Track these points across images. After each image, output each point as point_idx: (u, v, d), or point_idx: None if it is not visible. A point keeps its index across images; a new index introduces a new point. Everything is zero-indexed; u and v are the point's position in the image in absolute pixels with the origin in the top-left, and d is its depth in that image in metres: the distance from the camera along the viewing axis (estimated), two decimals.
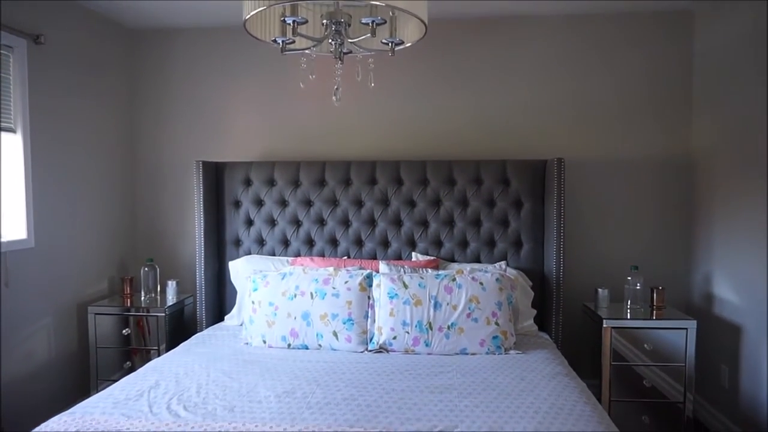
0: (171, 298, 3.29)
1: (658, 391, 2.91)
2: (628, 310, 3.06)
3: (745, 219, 2.82)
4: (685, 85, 3.35)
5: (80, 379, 3.17)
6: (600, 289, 3.15)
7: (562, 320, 3.08)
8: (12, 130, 2.76)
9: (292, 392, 2.15)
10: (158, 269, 3.40)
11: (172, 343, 3.07)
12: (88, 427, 1.86)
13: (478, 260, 3.24)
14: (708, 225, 3.17)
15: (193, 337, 2.97)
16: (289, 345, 2.72)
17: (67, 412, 2.01)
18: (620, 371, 2.92)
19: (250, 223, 3.38)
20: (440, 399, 2.08)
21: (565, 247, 3.10)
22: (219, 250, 3.42)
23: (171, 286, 3.32)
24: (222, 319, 3.33)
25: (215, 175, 3.39)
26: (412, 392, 2.15)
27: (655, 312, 3.04)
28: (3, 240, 2.72)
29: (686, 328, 2.87)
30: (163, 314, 3.13)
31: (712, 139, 3.15)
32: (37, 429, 1.87)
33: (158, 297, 3.34)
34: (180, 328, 3.29)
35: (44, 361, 2.95)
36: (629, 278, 3.12)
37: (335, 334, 2.69)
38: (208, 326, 3.25)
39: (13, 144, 2.77)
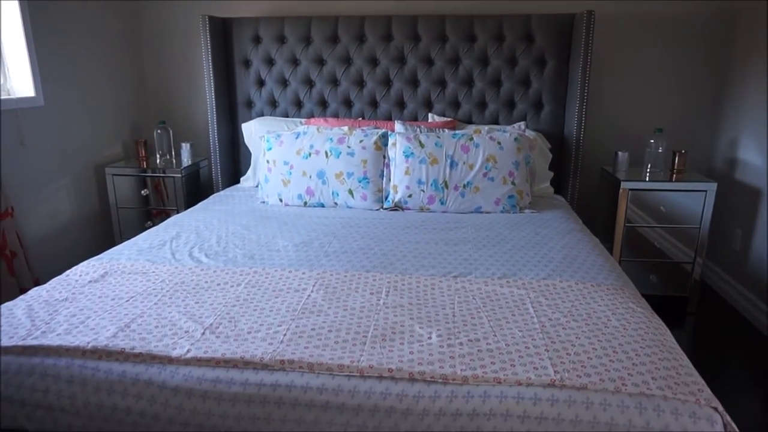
0: (186, 161, 3.29)
1: (668, 253, 2.94)
2: (648, 173, 3.00)
3: None
4: None
5: (104, 238, 3.27)
6: (620, 152, 3.07)
7: (579, 183, 3.05)
8: None
9: (310, 242, 2.20)
10: (171, 132, 3.36)
11: (190, 204, 3.11)
12: (115, 270, 1.94)
13: (496, 122, 3.14)
14: (741, 86, 3.00)
15: (210, 197, 3.01)
16: (305, 203, 2.75)
17: (94, 257, 2.08)
18: (633, 234, 2.94)
19: (261, 83, 3.27)
20: (455, 250, 2.12)
21: (588, 108, 2.97)
22: (231, 113, 3.35)
23: (185, 148, 3.30)
24: (238, 182, 3.35)
25: (223, 33, 3.22)
26: (427, 244, 2.18)
27: (675, 175, 2.99)
28: (12, 96, 2.68)
29: (705, 191, 2.83)
30: (180, 176, 3.14)
31: None
32: (67, 271, 1.95)
33: (173, 159, 3.34)
34: (197, 190, 3.33)
35: (68, 220, 3.03)
36: (652, 141, 3.03)
37: (351, 192, 2.69)
38: (224, 188, 3.28)
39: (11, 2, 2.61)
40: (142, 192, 3.18)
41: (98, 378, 1.38)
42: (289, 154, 2.76)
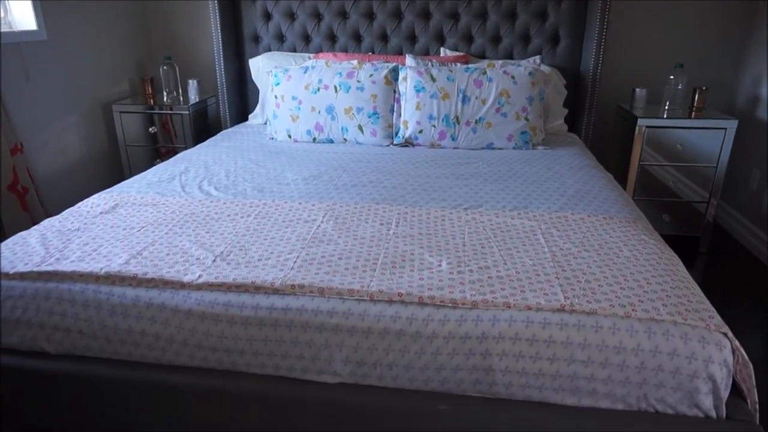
0: (193, 97, 3.24)
1: (682, 194, 2.90)
2: (666, 110, 2.92)
3: None
4: None
5: (114, 176, 3.27)
6: (638, 89, 2.98)
7: (594, 121, 2.98)
8: None
9: (319, 176, 2.18)
10: (177, 68, 3.30)
11: (198, 142, 3.08)
12: (126, 202, 1.94)
13: (510, 57, 3.04)
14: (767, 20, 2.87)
15: (218, 133, 2.98)
16: (314, 139, 2.71)
17: (104, 191, 2.08)
18: (647, 174, 2.89)
19: (268, 17, 3.16)
20: (465, 184, 2.10)
21: (606, 43, 2.86)
22: (238, 48, 3.27)
23: (192, 85, 3.24)
24: (246, 119, 3.31)
25: None
26: (437, 178, 2.16)
27: (694, 113, 2.90)
28: (14, 29, 2.62)
29: (725, 128, 2.75)
30: (187, 113, 3.10)
31: None
32: (79, 203, 1.95)
33: (180, 96, 3.29)
34: (204, 128, 3.29)
35: (77, 157, 3.02)
36: (671, 77, 2.92)
37: (360, 128, 2.65)
38: (232, 125, 3.24)
39: None
40: (150, 130, 3.15)
41: (113, 302, 1.40)
42: (298, 89, 2.70)
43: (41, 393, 1.45)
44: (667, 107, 2.94)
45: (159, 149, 3.20)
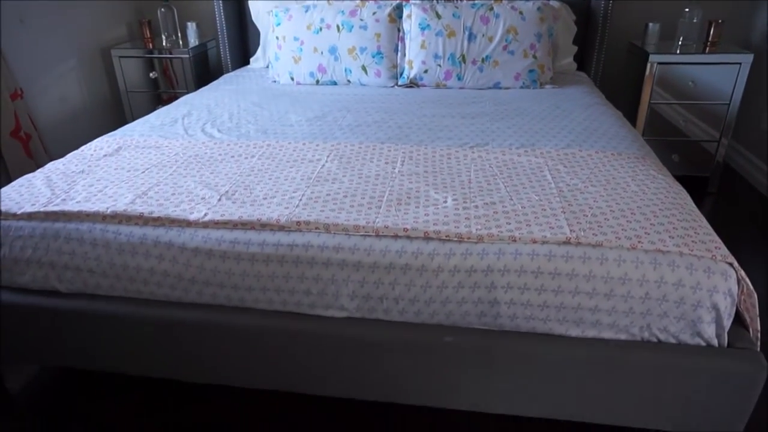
0: (193, 41, 3.16)
1: (692, 134, 2.84)
2: (679, 46, 2.83)
3: None
4: None
5: (116, 123, 3.23)
6: (650, 24, 2.87)
7: (604, 59, 2.89)
8: None
9: (323, 117, 2.15)
10: (175, 11, 3.20)
11: (200, 87, 3.03)
12: (129, 145, 1.93)
13: None
14: None
15: (220, 77, 2.92)
16: (317, 81, 2.66)
17: (107, 134, 2.07)
18: (658, 112, 2.83)
19: None
20: (471, 122, 2.06)
21: None
22: None
23: (191, 27, 3.16)
24: (247, 63, 3.24)
25: None
26: (443, 117, 2.12)
27: (708, 47, 2.81)
28: None
29: (740, 63, 2.67)
30: (187, 56, 3.03)
31: None
32: (82, 147, 1.94)
33: (179, 40, 3.21)
34: (205, 72, 3.23)
35: (79, 104, 2.99)
36: (686, 10, 2.81)
37: (364, 68, 2.59)
38: (233, 69, 3.18)
39: None
40: (151, 75, 3.10)
41: (120, 241, 1.41)
42: (299, 29, 2.63)
43: (54, 330, 1.49)
44: (680, 43, 2.84)
45: (161, 95, 3.16)
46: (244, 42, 3.29)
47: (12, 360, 1.72)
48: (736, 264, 1.24)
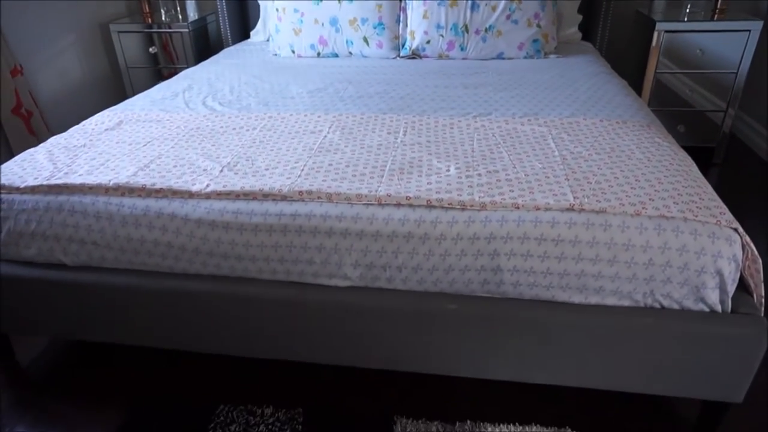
0: (192, 15, 3.13)
1: (699, 104, 2.80)
2: (687, 14, 2.77)
3: None
4: None
5: (117, 99, 3.22)
6: None
7: (609, 28, 2.84)
8: None
9: (324, 89, 2.13)
10: None
11: (200, 61, 3.00)
12: (130, 119, 1.92)
13: None
14: None
15: (220, 52, 2.89)
16: (318, 54, 2.63)
17: (108, 109, 2.06)
18: (664, 82, 2.78)
19: None
20: (475, 93, 2.04)
21: None
22: None
23: (190, 1, 3.12)
24: (248, 37, 3.20)
25: None
26: (446, 88, 2.10)
27: (717, 14, 2.75)
28: None
29: (749, 31, 2.62)
30: (187, 30, 3.00)
31: None
32: (83, 122, 1.94)
33: (179, 14, 3.17)
34: (206, 47, 3.20)
35: (79, 81, 2.97)
36: None
37: (365, 40, 2.56)
38: (234, 43, 3.14)
39: None
40: (150, 50, 3.07)
41: (123, 213, 1.41)
42: (300, 1, 2.58)
43: (61, 303, 1.50)
44: (687, 10, 2.79)
45: (161, 71, 3.13)
46: (244, 15, 3.25)
47: (20, 333, 1.75)
48: (740, 229, 1.23)
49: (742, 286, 1.30)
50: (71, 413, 1.55)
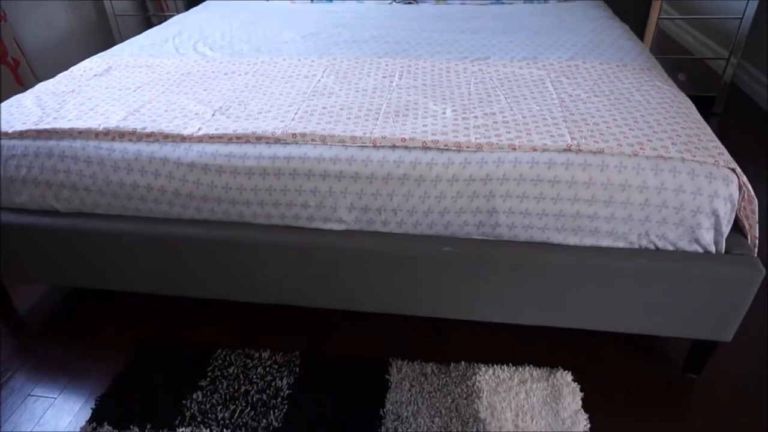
0: None
1: (700, 52, 2.75)
2: None
3: None
4: None
5: (105, 47, 3.12)
6: None
7: None
8: None
9: (318, 34, 2.08)
10: None
11: (190, 8, 2.91)
12: (119, 65, 1.88)
13: None
14: None
15: None
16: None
17: (96, 55, 2.01)
18: (665, 30, 2.72)
19: None
20: (472, 37, 1.99)
21: None
22: None
23: None
24: None
25: None
26: (443, 32, 2.05)
27: None
28: None
29: None
30: None
31: None
32: (71, 68, 1.89)
33: None
34: None
35: (66, 30, 2.89)
36: None
37: None
38: None
39: None
40: None
41: (115, 157, 1.39)
42: None
43: (55, 250, 1.50)
44: None
45: (150, 18, 3.05)
46: None
47: (15, 280, 1.75)
48: (738, 170, 1.22)
49: (737, 228, 1.30)
50: (73, 358, 1.57)
